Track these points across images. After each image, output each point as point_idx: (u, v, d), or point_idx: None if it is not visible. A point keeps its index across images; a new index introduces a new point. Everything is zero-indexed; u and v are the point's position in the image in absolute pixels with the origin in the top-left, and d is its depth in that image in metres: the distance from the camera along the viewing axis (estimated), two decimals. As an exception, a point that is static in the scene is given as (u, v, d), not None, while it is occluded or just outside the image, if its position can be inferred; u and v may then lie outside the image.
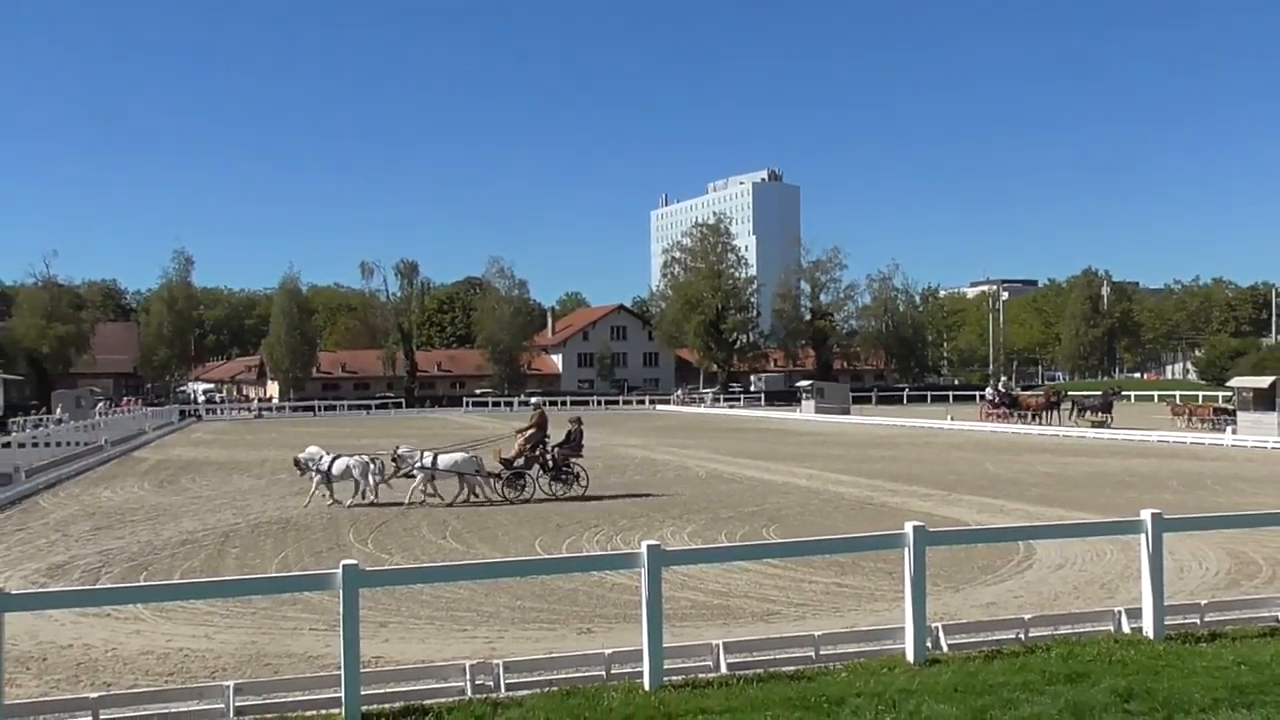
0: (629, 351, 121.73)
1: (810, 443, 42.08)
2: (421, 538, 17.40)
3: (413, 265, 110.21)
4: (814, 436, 46.71)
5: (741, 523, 18.59)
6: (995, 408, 53.73)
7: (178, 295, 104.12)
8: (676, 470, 29.61)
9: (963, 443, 40.94)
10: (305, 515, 20.39)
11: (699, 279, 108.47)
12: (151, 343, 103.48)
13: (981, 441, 41.59)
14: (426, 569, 11.89)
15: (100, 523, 19.92)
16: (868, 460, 32.53)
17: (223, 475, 29.96)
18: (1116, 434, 42.88)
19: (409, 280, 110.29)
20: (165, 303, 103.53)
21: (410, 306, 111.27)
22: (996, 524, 17.55)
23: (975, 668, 8.69)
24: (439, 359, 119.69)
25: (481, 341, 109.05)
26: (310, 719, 7.71)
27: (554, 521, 19.03)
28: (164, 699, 8.06)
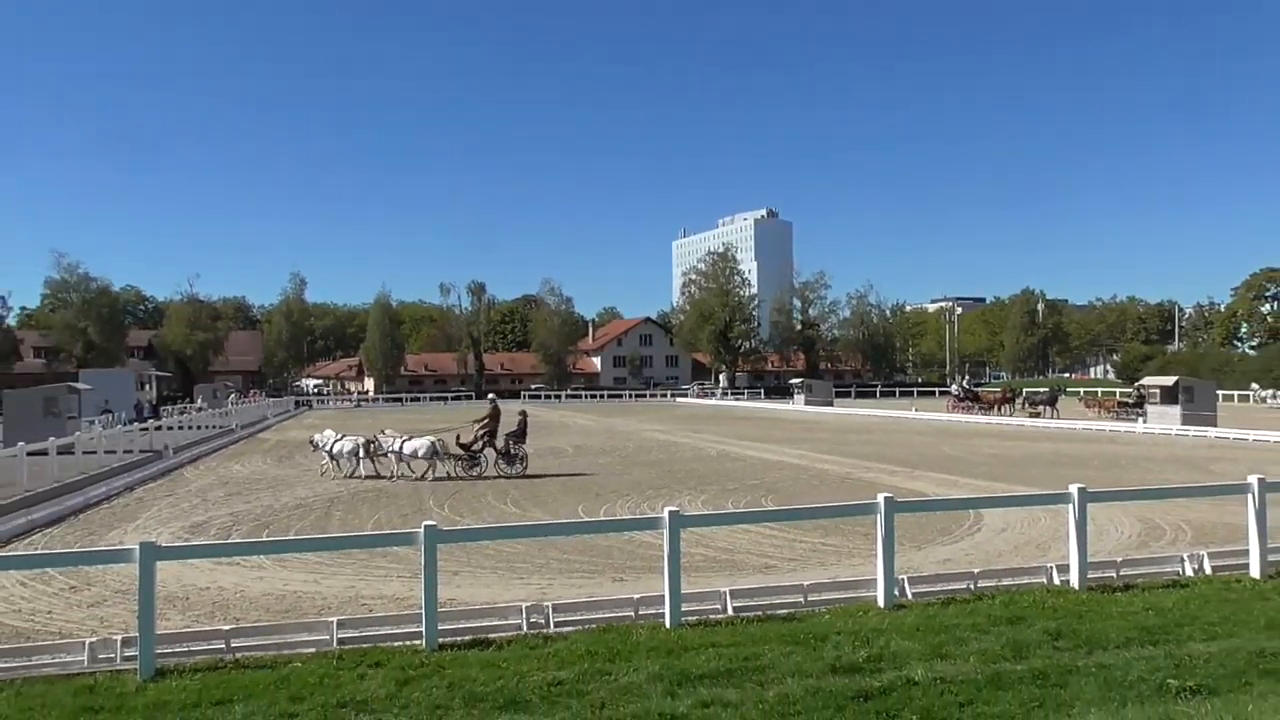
0: (654, 355, 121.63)
1: (801, 429, 41.95)
2: (488, 504, 17.44)
3: (481, 285, 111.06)
4: (804, 424, 46.54)
5: (745, 493, 18.55)
6: (960, 401, 52.93)
7: (294, 308, 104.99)
8: (692, 451, 29.58)
9: (924, 430, 40.67)
10: (394, 485, 20.49)
11: (711, 297, 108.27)
12: (272, 347, 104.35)
13: (939, 429, 41.30)
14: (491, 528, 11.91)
15: (232, 490, 20.09)
16: (848, 443, 32.39)
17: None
18: (1050, 423, 42.44)
19: (478, 297, 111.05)
20: (284, 314, 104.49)
21: (479, 318, 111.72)
22: (952, 495, 17.43)
23: (934, 612, 8.64)
24: (502, 360, 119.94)
25: (536, 346, 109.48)
26: (398, 649, 7.75)
27: (593, 491, 19.04)
28: (281, 631, 8.12)
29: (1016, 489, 18.31)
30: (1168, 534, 13.32)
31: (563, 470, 23.66)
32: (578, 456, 27.86)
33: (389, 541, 10.62)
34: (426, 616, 7.83)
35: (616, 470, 23.53)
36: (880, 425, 44.69)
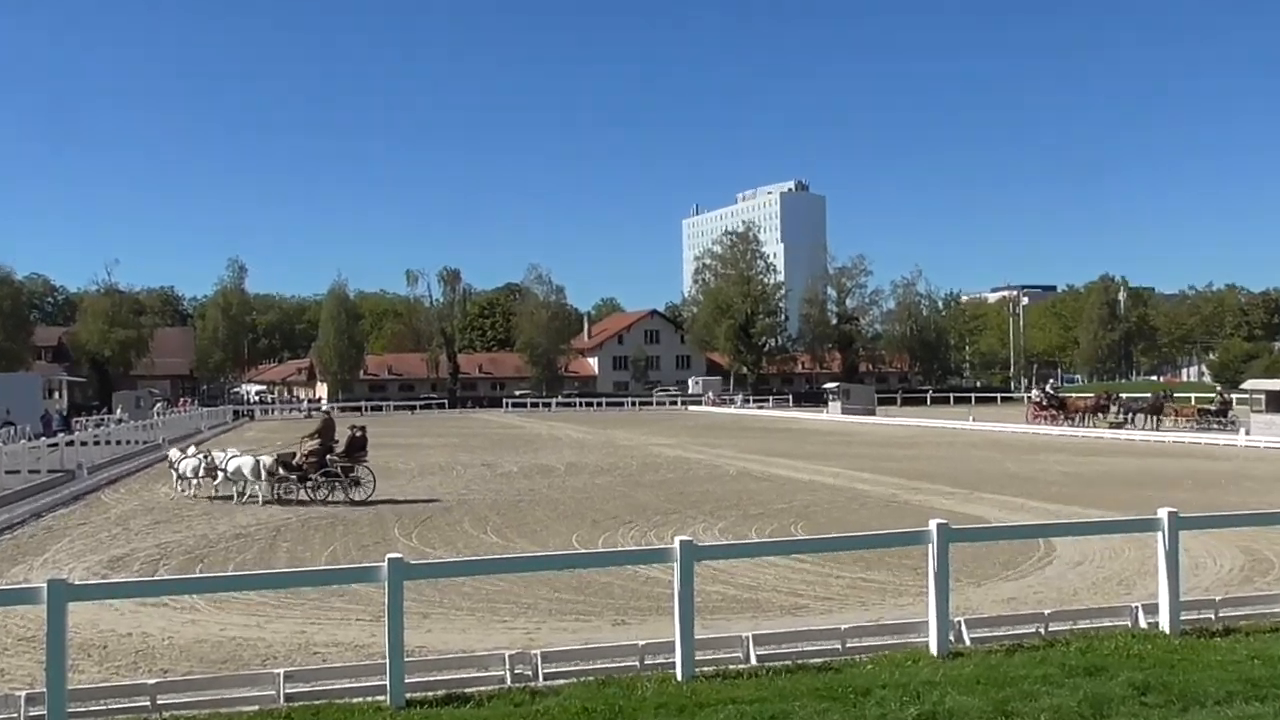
0: (662, 354, 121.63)
1: (836, 442, 41.91)
2: (464, 532, 17.46)
3: (455, 272, 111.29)
4: (840, 436, 46.53)
5: (770, 519, 18.54)
6: (1043, 409, 51.45)
7: (232, 301, 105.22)
8: (708, 468, 29.57)
9: (982, 442, 40.64)
10: (352, 511, 20.51)
11: (729, 285, 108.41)
12: (207, 346, 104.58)
13: (1001, 441, 41.27)
14: (468, 562, 11.92)
15: (159, 517, 20.12)
16: (892, 459, 32.35)
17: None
18: (1132, 435, 42.42)
19: (452, 287, 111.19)
20: (220, 308, 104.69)
21: (453, 312, 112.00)
22: (1017, 521, 17.40)
23: (997, 660, 8.61)
24: (480, 362, 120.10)
25: (521, 345, 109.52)
26: (357, 706, 7.74)
27: (590, 518, 19.05)
28: (218, 685, 8.11)
29: (1094, 514, 18.29)
30: (1277, 567, 13.29)
31: (551, 492, 23.66)
32: (570, 476, 27.89)
33: (347, 578, 10.62)
34: (391, 667, 7.82)
35: (617, 492, 23.54)
36: (931, 438, 44.65)
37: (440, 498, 22.36)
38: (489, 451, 37.96)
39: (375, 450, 34.40)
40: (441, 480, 26.82)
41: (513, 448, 40.11)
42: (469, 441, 45.04)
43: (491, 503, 21.66)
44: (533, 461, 32.82)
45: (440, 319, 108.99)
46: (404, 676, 7.86)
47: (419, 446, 41.68)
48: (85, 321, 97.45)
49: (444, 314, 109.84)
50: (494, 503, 21.66)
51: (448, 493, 23.63)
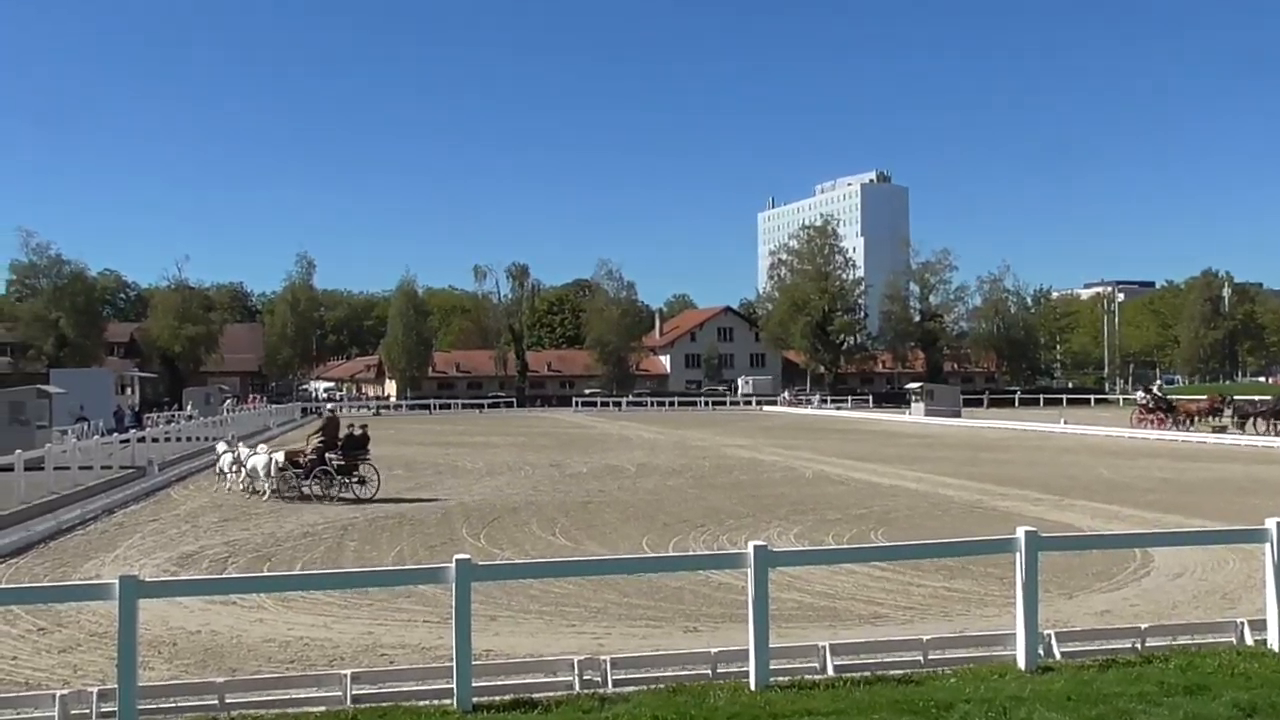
0: (735, 353, 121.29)
1: (919, 445, 41.48)
2: (531, 534, 17.57)
3: (524, 268, 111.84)
4: (923, 439, 46.04)
5: (848, 525, 18.40)
6: (1149, 412, 49.56)
7: (300, 297, 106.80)
8: (783, 471, 29.44)
9: (1075, 446, 39.93)
10: (419, 510, 20.75)
11: (806, 281, 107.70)
12: (275, 343, 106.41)
13: (1095, 445, 40.51)
14: (536, 564, 12.00)
15: (227, 515, 20.54)
16: (978, 463, 31.94)
17: (342, 470, 30.59)
18: (1239, 439, 41.34)
19: (520, 282, 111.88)
20: (289, 304, 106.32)
21: (521, 308, 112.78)
22: (1111, 530, 17.07)
23: (1089, 677, 8.45)
24: (549, 359, 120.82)
25: (590, 342, 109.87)
26: (423, 709, 7.82)
27: (660, 520, 19.06)
28: (285, 685, 8.25)
29: (1195, 523, 17.88)
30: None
31: (621, 494, 23.73)
32: (641, 477, 27.94)
33: (414, 579, 10.74)
34: (458, 670, 7.89)
35: (689, 494, 23.54)
36: (1019, 441, 44.01)
37: (508, 498, 22.55)
38: (558, 451, 38.18)
39: (444, 449, 34.68)
40: (509, 480, 27.03)
41: (582, 448, 40.29)
42: (537, 441, 45.34)
43: (560, 504, 21.78)
44: (602, 462, 32.94)
45: (508, 315, 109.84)
46: (471, 680, 7.92)
47: (487, 446, 42.06)
48: (156, 317, 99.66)
49: (512, 310, 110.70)
50: (562, 504, 21.78)
51: (515, 493, 23.81)
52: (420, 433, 53.67)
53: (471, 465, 31.98)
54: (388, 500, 22.27)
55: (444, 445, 42.56)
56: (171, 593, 10.61)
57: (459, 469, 30.56)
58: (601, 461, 33.15)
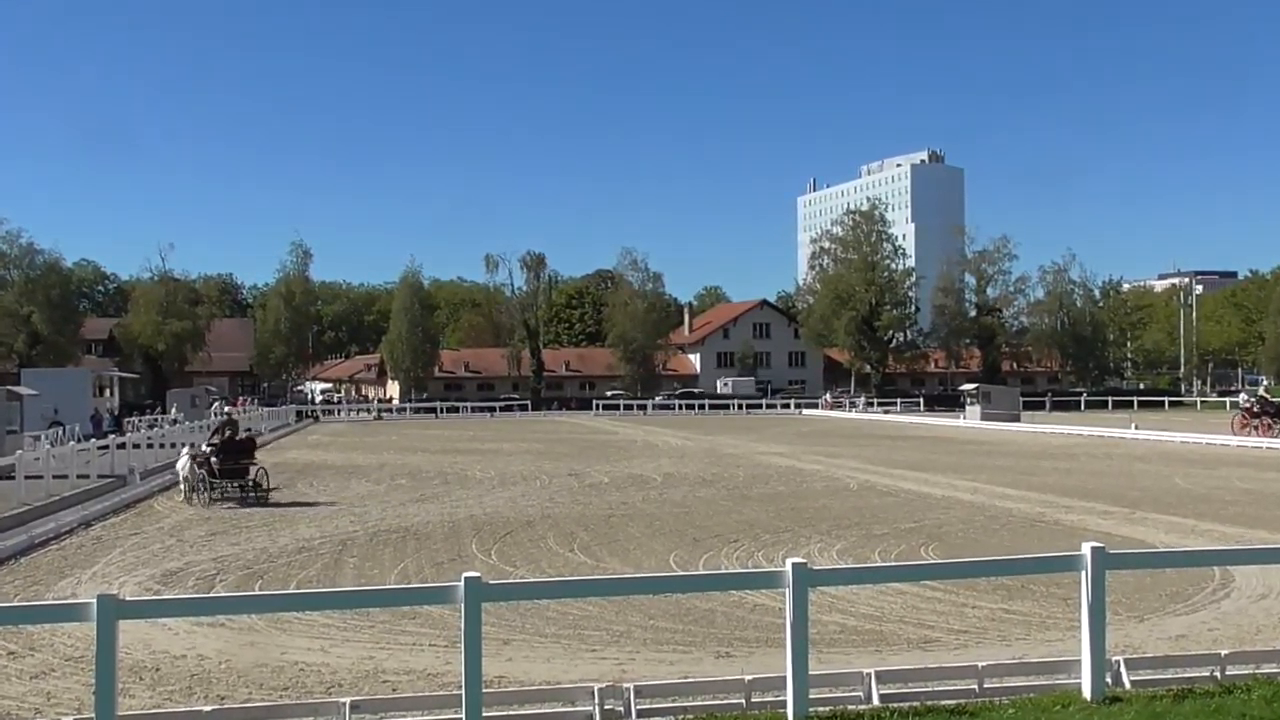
0: (773, 351, 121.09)
1: (975, 452, 41.32)
2: (548, 550, 17.62)
3: (539, 258, 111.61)
4: (979, 445, 45.86)
5: (897, 540, 18.37)
6: (1254, 417, 48.61)
7: (295, 290, 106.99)
8: (825, 481, 29.40)
9: (1147, 454, 39.68)
10: (425, 524, 20.84)
11: (850, 271, 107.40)
12: (267, 340, 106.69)
13: (1170, 453, 40.25)
14: (553, 583, 12.04)
15: (215, 528, 20.68)
16: (1040, 472, 31.80)
17: (340, 480, 30.81)
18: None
19: (536, 274, 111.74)
20: (282, 298, 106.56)
21: (537, 301, 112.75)
22: (1187, 546, 16.95)
23: (1162, 708, 8.42)
24: (567, 358, 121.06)
25: (613, 340, 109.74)
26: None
27: (690, 535, 19.08)
28: (278, 714, 8.31)
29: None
30: None
31: (647, 506, 23.76)
32: (668, 487, 27.96)
33: (419, 598, 10.79)
34: (468, 699, 7.92)
35: (722, 507, 23.54)
36: (1086, 448, 43.77)
37: (522, 511, 22.62)
38: (576, 459, 38.25)
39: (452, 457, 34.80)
40: (524, 491, 27.10)
41: (603, 455, 40.34)
42: (554, 448, 45.41)
43: (579, 517, 21.82)
44: (626, 471, 32.97)
45: (522, 309, 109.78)
46: (481, 710, 7.95)
47: (499, 453, 42.16)
48: (137, 312, 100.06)
49: (526, 304, 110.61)
50: (582, 517, 21.82)
51: (530, 505, 23.86)
52: (426, 438, 53.85)
53: (482, 474, 32.08)
54: (387, 513, 22.37)
55: (452, 452, 42.67)
56: (154, 613, 10.68)
57: (468, 479, 30.65)
58: (625, 470, 33.18)
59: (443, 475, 31.86)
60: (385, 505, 24.12)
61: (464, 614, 7.99)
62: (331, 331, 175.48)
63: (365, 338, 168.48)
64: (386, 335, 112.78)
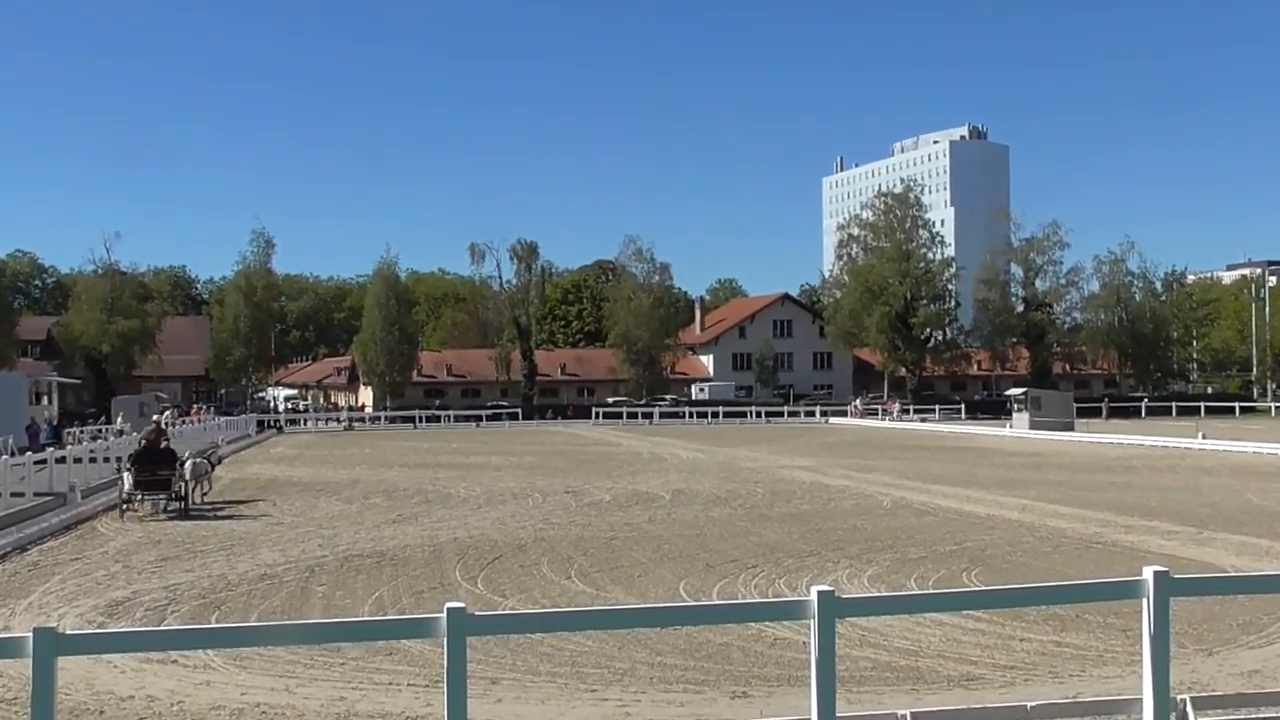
0: (795, 351, 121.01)
1: (1023, 465, 41.31)
2: (541, 577, 17.61)
3: (531, 247, 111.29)
4: (1028, 458, 45.85)
5: (936, 565, 18.37)
6: None
7: (256, 284, 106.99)
8: (855, 499, 29.38)
9: (1216, 467, 39.64)
10: (403, 547, 20.84)
11: (883, 261, 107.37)
12: (225, 340, 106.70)
13: (1242, 466, 40.21)
14: (547, 615, 12.02)
15: (166, 552, 20.67)
16: (1096, 488, 31.79)
17: (308, 498, 30.80)
18: None
19: (527, 265, 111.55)
20: (242, 293, 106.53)
21: (529, 296, 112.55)
22: (1262, 570, 16.93)
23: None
24: (563, 360, 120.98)
25: (614, 339, 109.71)
26: (408, 792, 7.86)
27: (702, 561, 19.07)
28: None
29: (1369, 562, 17.72)
30: None
31: (654, 527, 23.77)
32: (678, 506, 27.97)
33: (397, 632, 10.76)
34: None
35: (738, 528, 23.56)
36: (1148, 460, 43.76)
37: (512, 533, 22.62)
38: (574, 474, 38.27)
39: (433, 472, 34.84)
40: (514, 511, 27.11)
41: (604, 470, 40.36)
42: (549, 461, 45.43)
43: (577, 540, 21.82)
44: (630, 488, 32.98)
45: (512, 305, 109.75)
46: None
47: (486, 467, 42.18)
48: (79, 309, 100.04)
49: (517, 299, 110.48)
50: (580, 540, 21.82)
51: (522, 527, 23.86)
52: (404, 451, 53.88)
53: (467, 492, 32.08)
54: (360, 535, 22.38)
55: (433, 467, 42.68)
56: (98, 648, 10.64)
57: (452, 497, 30.66)
58: (628, 487, 33.18)
59: (423, 493, 31.87)
60: (358, 526, 24.12)
61: (447, 649, 7.98)
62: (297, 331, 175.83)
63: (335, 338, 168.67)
64: (359, 335, 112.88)
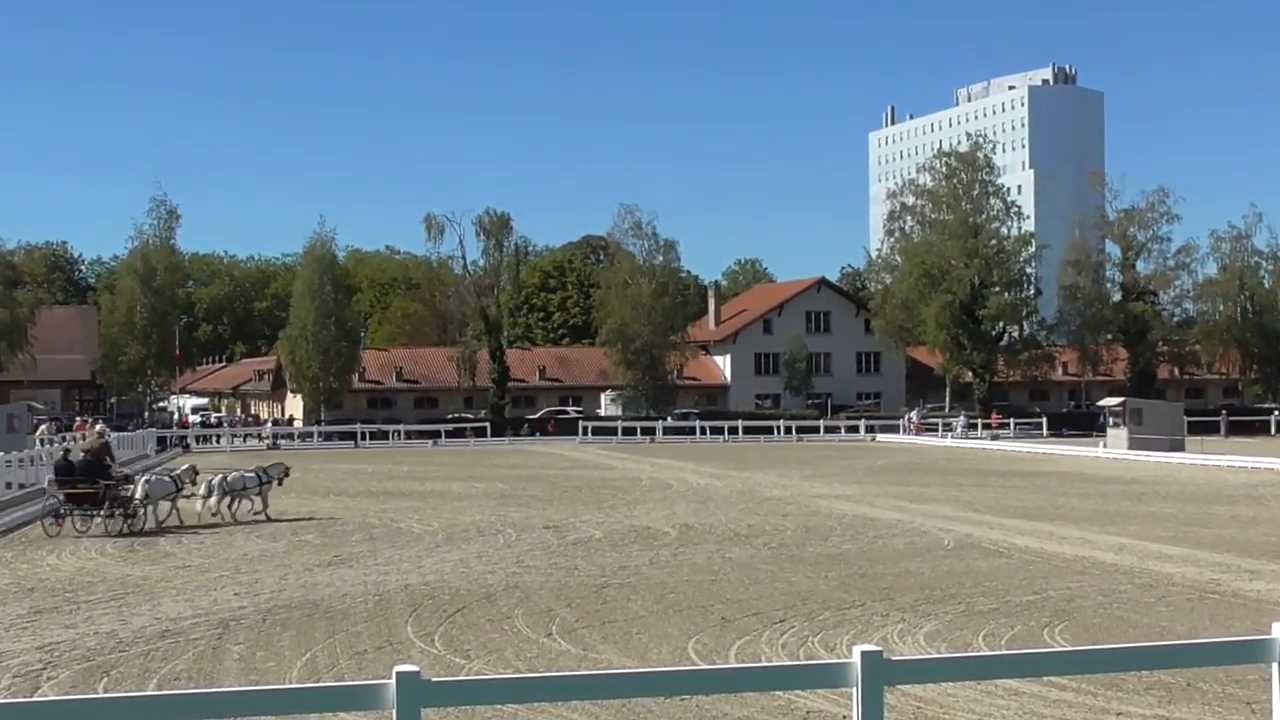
0: (834, 351, 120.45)
1: (1120, 495, 41.32)
2: (514, 633, 17.59)
3: (503, 219, 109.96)
4: (1126, 485, 45.83)
5: (1010, 619, 18.38)
6: None
7: (156, 265, 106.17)
8: (909, 536, 29.38)
9: (1368, 498, 39.65)
10: (341, 596, 20.81)
11: (944, 238, 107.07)
12: (117, 336, 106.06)
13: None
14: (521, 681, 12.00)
15: (41, 603, 20.62)
16: (1213, 523, 31.83)
17: (221, 534, 30.77)
18: None
19: (498, 242, 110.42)
20: (138, 276, 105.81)
21: (500, 281, 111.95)
22: None
23: None
24: (543, 361, 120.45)
25: (607, 335, 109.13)
26: None
27: (717, 613, 19.05)
28: None
29: None
30: None
31: (656, 572, 23.79)
32: (686, 545, 27.99)
33: (334, 701, 10.72)
34: (401, 845, 7.91)
35: (762, 572, 23.57)
36: (1277, 488, 43.72)
37: (479, 578, 22.62)
38: (556, 505, 38.27)
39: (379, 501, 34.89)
40: (480, 551, 27.09)
41: (594, 500, 40.35)
42: (524, 489, 45.39)
43: (559, 587, 21.82)
44: (626, 522, 32.97)
45: (479, 293, 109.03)
46: None
47: (446, 496, 42.16)
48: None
49: (484, 285, 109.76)
50: (563, 587, 21.82)
51: (490, 570, 23.85)
52: (343, 475, 53.81)
53: (422, 527, 32.07)
54: (288, 581, 22.36)
55: (379, 495, 42.66)
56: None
57: (403, 533, 30.64)
58: (624, 521, 33.17)
59: (365, 528, 31.86)
60: (285, 570, 24.10)
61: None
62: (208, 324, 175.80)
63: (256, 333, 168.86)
64: (285, 330, 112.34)
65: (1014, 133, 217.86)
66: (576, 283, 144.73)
